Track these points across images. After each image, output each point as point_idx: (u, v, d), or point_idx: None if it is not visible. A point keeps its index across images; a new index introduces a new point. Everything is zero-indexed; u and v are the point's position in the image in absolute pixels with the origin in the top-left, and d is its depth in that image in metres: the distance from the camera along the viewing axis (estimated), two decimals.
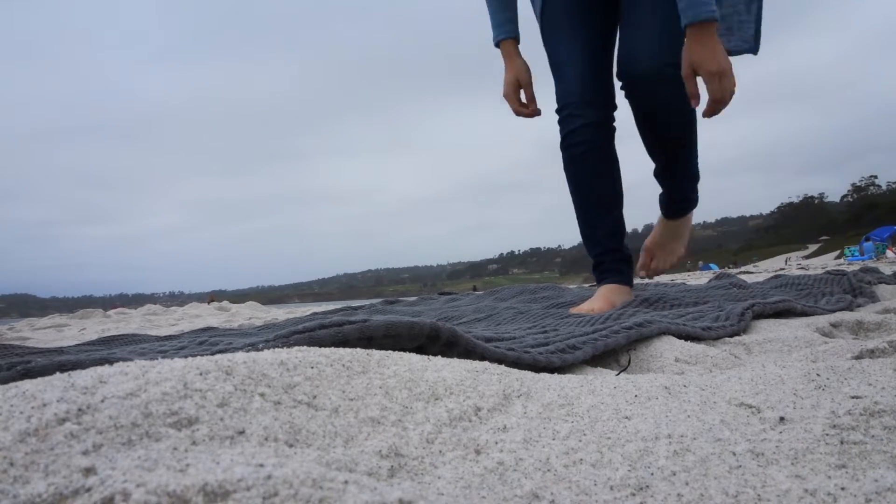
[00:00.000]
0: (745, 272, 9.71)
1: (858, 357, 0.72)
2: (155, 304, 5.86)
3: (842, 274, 1.97)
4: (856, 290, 1.65)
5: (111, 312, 4.93)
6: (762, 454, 0.42)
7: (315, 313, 2.63)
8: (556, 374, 0.65)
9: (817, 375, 0.58)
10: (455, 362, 0.59)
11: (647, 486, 0.38)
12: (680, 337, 0.97)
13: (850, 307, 1.38)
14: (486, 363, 0.62)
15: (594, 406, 0.53)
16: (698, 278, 8.41)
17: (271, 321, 2.64)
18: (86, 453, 0.32)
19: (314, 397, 0.46)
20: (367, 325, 0.65)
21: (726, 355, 0.88)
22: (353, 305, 3.03)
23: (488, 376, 0.57)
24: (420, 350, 0.68)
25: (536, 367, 0.73)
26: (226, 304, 5.30)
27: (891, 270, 2.78)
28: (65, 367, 0.61)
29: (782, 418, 0.48)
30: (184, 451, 0.34)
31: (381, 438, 0.43)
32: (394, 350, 0.61)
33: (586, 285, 2.27)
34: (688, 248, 1.95)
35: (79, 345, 1.45)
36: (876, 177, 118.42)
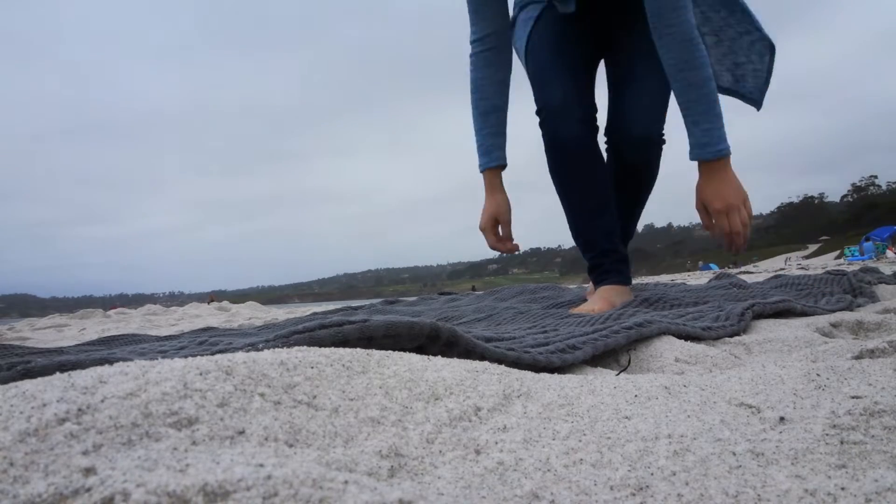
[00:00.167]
0: (745, 272, 9.71)
1: (858, 357, 0.72)
2: (155, 304, 5.86)
3: (842, 274, 1.97)
4: (856, 290, 1.65)
5: (111, 312, 4.93)
6: (762, 454, 0.42)
7: (315, 313, 2.63)
8: (556, 374, 0.65)
9: (817, 375, 0.58)
10: (455, 362, 0.59)
11: (647, 486, 0.38)
12: (680, 337, 0.97)
13: (850, 307, 1.37)
14: (486, 363, 0.62)
15: (594, 406, 0.53)
16: (698, 278, 8.41)
17: (271, 321, 2.64)
18: (86, 453, 0.32)
19: (314, 397, 0.46)
20: (367, 325, 0.65)
21: (726, 355, 0.88)
22: (353, 305, 3.03)
23: (488, 376, 0.57)
24: (420, 350, 0.68)
25: (536, 367, 0.73)
26: (226, 304, 5.30)
27: (891, 270, 2.78)
28: (65, 367, 0.61)
29: (782, 418, 0.48)
30: (184, 451, 0.34)
31: (381, 438, 0.43)
32: (394, 350, 0.61)
33: (586, 285, 2.26)
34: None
35: (79, 345, 1.45)
36: (876, 177, 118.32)
